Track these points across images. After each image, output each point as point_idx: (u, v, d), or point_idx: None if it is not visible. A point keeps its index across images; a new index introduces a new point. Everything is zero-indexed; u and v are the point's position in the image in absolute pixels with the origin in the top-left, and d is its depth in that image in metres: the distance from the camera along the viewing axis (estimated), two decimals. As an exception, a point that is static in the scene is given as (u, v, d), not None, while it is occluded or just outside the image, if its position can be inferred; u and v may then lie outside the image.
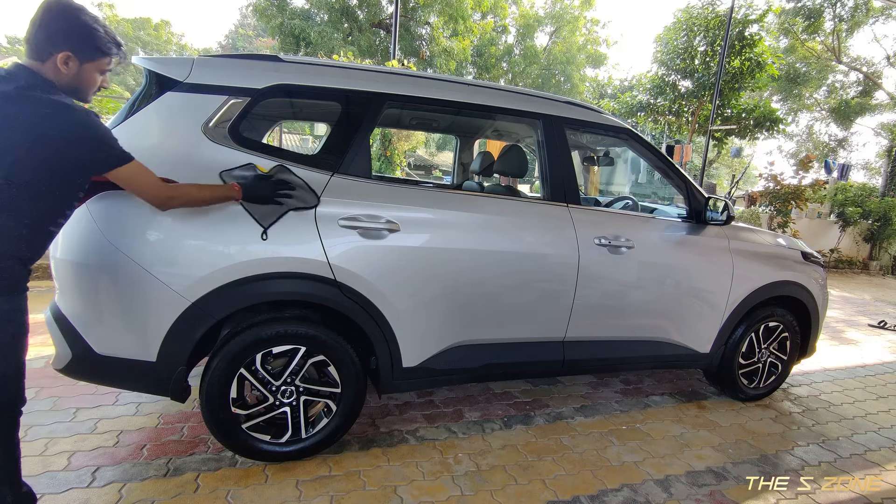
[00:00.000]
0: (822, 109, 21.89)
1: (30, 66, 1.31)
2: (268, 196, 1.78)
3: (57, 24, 1.32)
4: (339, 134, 2.07)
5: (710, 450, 2.44)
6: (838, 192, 11.56)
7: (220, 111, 1.83)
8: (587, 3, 23.91)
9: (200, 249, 1.76)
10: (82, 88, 1.40)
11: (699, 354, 2.76)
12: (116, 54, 1.43)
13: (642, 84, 14.26)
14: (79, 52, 1.34)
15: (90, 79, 1.40)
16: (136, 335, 1.76)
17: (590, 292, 2.38)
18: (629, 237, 2.46)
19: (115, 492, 1.77)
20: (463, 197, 2.26)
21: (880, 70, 19.60)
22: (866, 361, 4.20)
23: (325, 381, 2.02)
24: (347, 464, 2.05)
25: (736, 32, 11.62)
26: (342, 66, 2.18)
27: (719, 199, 2.71)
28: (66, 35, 1.32)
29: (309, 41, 16.17)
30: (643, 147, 2.69)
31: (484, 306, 2.21)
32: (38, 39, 1.31)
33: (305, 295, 1.91)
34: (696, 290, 2.68)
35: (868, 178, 22.98)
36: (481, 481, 2.02)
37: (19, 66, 1.30)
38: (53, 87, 1.32)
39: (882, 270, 11.11)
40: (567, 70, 23.52)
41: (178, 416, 2.33)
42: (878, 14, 17.04)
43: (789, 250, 3.03)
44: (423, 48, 18.44)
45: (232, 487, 1.84)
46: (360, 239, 1.94)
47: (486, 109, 2.34)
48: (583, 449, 2.34)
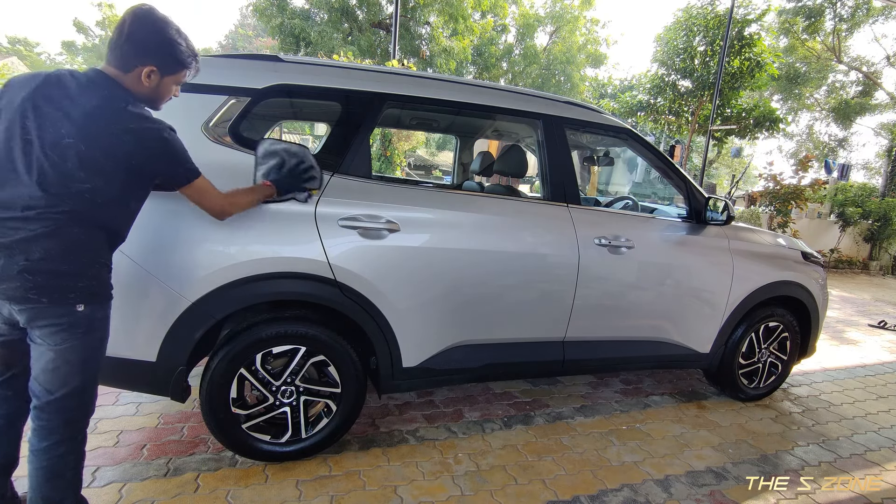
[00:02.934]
0: (822, 109, 21.89)
1: (111, 75, 1.30)
2: (298, 185, 1.81)
3: (145, 37, 1.31)
4: (339, 134, 2.08)
5: (710, 450, 2.44)
6: (838, 192, 11.56)
7: (220, 111, 1.84)
8: (587, 3, 23.91)
9: (200, 249, 1.76)
10: (157, 99, 1.41)
11: (699, 354, 2.76)
12: (194, 66, 1.43)
13: (642, 84, 14.27)
14: (163, 66, 1.34)
15: (167, 91, 1.41)
16: (135, 335, 1.76)
17: (590, 292, 2.38)
18: (629, 237, 2.46)
19: (115, 492, 1.77)
20: (463, 197, 2.26)
21: (880, 70, 19.62)
22: (866, 361, 4.20)
23: (325, 381, 2.02)
24: (347, 464, 2.05)
25: (735, 32, 11.62)
26: (342, 65, 2.18)
27: (719, 199, 2.71)
28: (154, 49, 1.32)
29: (309, 41, 16.17)
30: (643, 147, 2.69)
31: (484, 306, 2.21)
32: (124, 50, 1.30)
33: (305, 295, 1.91)
34: (696, 290, 2.68)
35: (868, 178, 23.00)
36: (481, 481, 2.02)
37: (100, 74, 1.29)
38: (133, 98, 1.33)
39: (882, 270, 11.11)
40: (567, 70, 23.51)
41: (178, 416, 2.33)
42: (878, 14, 17.04)
43: (789, 250, 3.03)
44: (423, 48, 18.44)
45: (232, 487, 1.84)
46: (360, 239, 1.94)
47: (486, 109, 2.34)
48: (583, 449, 2.34)
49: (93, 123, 1.23)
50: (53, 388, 1.31)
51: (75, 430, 1.38)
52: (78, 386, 1.34)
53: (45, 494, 1.36)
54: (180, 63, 1.38)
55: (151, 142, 1.31)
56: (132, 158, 1.29)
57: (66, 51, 32.95)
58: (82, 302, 1.29)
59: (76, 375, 1.33)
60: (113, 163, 1.27)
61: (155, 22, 1.32)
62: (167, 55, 1.34)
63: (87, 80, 1.27)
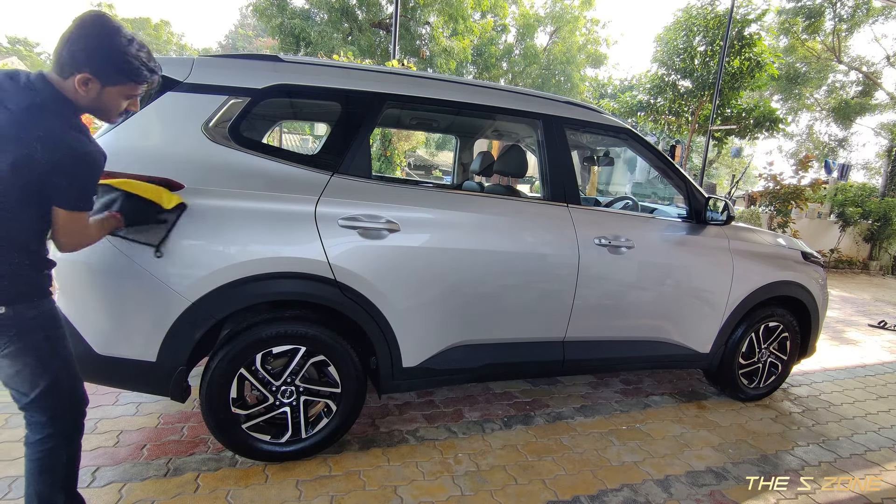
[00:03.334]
0: (822, 109, 21.89)
1: (52, 81, 1.24)
2: (143, 220, 1.63)
3: (84, 43, 1.23)
4: (339, 134, 2.07)
5: (710, 450, 2.44)
6: (838, 192, 11.56)
7: (220, 111, 1.83)
8: (587, 3, 23.91)
9: (200, 249, 1.76)
10: (104, 110, 1.33)
11: (699, 354, 2.76)
12: (147, 81, 1.34)
13: (642, 84, 14.27)
14: (101, 75, 1.25)
15: (113, 103, 1.32)
16: (136, 335, 1.76)
17: (590, 292, 2.38)
18: (629, 237, 2.46)
19: (115, 492, 1.77)
20: (463, 197, 2.26)
21: (880, 70, 19.62)
22: (866, 361, 4.20)
23: (325, 381, 2.02)
24: (347, 464, 2.05)
25: (735, 32, 11.62)
26: (342, 66, 2.18)
27: (719, 199, 2.71)
28: (91, 56, 1.23)
29: (309, 41, 16.17)
30: (643, 147, 2.69)
31: (484, 306, 2.21)
32: (61, 55, 1.23)
33: (305, 295, 1.91)
34: (696, 290, 2.68)
35: (868, 178, 23.01)
36: (481, 481, 2.02)
37: (41, 79, 1.23)
38: (70, 107, 1.26)
39: (882, 270, 11.11)
40: (567, 70, 23.51)
41: (178, 416, 2.33)
42: (878, 14, 17.04)
43: (789, 250, 3.03)
44: (423, 48, 18.45)
45: (232, 487, 1.84)
46: (360, 239, 1.94)
47: (486, 109, 2.34)
48: (583, 449, 2.34)
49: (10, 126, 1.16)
50: (25, 391, 1.31)
51: (64, 424, 1.37)
52: (49, 384, 1.32)
53: (38, 489, 1.36)
54: (124, 74, 1.27)
55: (63, 155, 1.20)
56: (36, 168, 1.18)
57: (65, 51, 32.91)
58: (2, 304, 1.23)
59: (42, 375, 1.31)
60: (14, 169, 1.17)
61: (100, 29, 1.24)
62: (106, 64, 1.25)
63: (28, 82, 1.21)
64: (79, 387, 1.41)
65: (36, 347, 1.30)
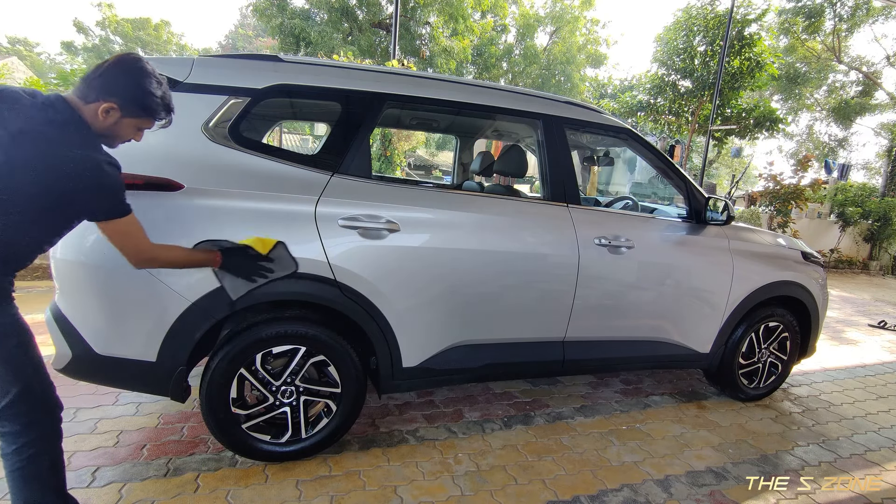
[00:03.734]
0: (822, 109, 21.89)
1: (71, 103, 1.29)
2: (246, 272, 1.69)
3: (120, 79, 1.32)
4: (339, 134, 2.07)
5: (710, 450, 2.44)
6: (838, 192, 11.56)
7: (220, 111, 1.83)
8: (587, 3, 23.92)
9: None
10: (113, 137, 1.39)
11: (699, 354, 2.76)
12: (162, 119, 1.42)
13: (642, 84, 14.27)
14: (125, 107, 1.33)
15: (126, 132, 1.39)
16: (136, 335, 1.76)
17: (590, 292, 2.38)
18: (629, 237, 2.46)
19: (115, 492, 1.77)
20: (463, 197, 2.26)
21: (880, 70, 19.62)
22: (866, 361, 4.20)
23: (325, 381, 2.02)
24: (347, 464, 2.05)
25: (735, 32, 11.63)
26: (342, 66, 2.18)
27: (719, 199, 2.71)
28: (121, 89, 1.32)
29: (309, 41, 16.18)
30: (643, 147, 2.69)
31: (484, 306, 2.21)
32: (93, 83, 1.30)
33: (305, 295, 1.91)
34: (696, 290, 2.68)
35: (868, 178, 23.01)
36: (481, 481, 2.02)
37: (60, 99, 1.27)
38: (86, 127, 1.30)
39: (882, 270, 11.11)
40: (567, 70, 23.52)
41: (178, 416, 2.33)
42: (878, 14, 17.05)
43: (789, 250, 3.03)
44: (423, 48, 18.45)
45: (232, 487, 1.84)
46: (360, 239, 1.94)
47: (486, 109, 2.34)
48: (583, 449, 2.34)
49: (33, 142, 1.20)
50: None
51: (41, 430, 1.35)
52: (21, 390, 1.30)
53: (26, 498, 1.35)
54: (146, 110, 1.36)
55: (86, 171, 1.25)
56: (62, 186, 1.23)
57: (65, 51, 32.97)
58: None
59: (12, 382, 1.29)
60: (38, 186, 1.22)
61: (136, 70, 1.34)
62: (134, 98, 1.33)
63: (46, 101, 1.26)
64: (51, 392, 1.39)
65: (9, 354, 1.29)
